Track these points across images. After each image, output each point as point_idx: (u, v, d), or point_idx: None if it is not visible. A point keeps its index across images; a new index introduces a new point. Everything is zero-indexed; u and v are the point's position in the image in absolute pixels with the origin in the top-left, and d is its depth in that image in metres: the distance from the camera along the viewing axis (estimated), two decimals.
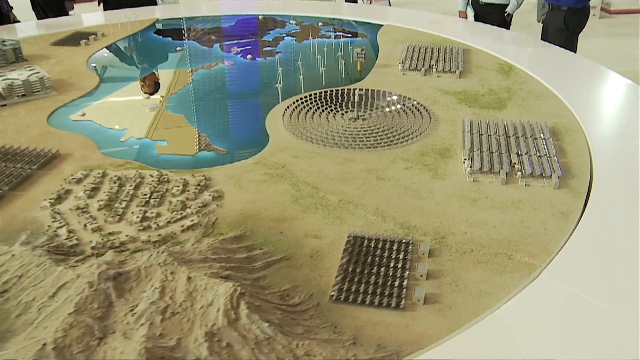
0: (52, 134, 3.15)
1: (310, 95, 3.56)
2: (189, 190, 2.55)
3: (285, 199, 2.47)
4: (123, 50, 4.98)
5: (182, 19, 5.81)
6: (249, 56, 4.56)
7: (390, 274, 1.96)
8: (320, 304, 1.85)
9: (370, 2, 9.11)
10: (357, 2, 8.63)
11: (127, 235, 2.19)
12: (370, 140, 2.95)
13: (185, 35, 5.32)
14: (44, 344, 1.55)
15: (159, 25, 5.52)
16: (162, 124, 3.37)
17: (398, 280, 1.93)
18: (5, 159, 2.79)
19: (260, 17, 5.81)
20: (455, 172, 2.66)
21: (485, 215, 2.32)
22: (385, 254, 2.06)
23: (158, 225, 2.28)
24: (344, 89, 3.61)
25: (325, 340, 1.68)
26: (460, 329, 1.74)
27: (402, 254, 2.05)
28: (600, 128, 3.17)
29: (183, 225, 2.27)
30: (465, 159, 2.72)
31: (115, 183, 2.61)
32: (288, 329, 1.70)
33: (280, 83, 3.55)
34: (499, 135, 2.95)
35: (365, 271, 1.98)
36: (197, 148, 3.07)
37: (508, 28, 6.10)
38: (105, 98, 3.77)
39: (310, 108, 3.40)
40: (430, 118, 3.24)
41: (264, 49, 4.82)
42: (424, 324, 1.77)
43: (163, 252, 1.92)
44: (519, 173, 2.60)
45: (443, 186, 2.55)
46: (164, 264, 1.87)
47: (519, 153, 2.78)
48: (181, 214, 2.37)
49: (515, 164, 2.68)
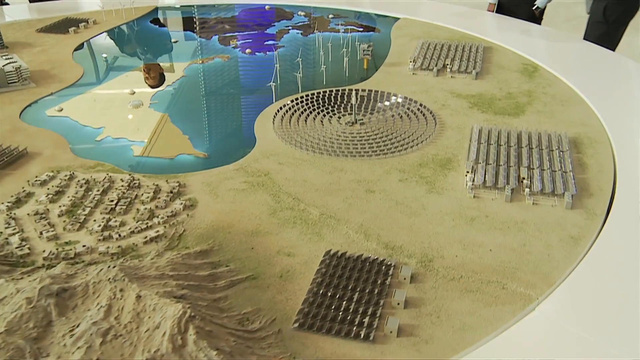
0: (23, 130, 3.19)
1: (307, 95, 3.54)
2: (159, 198, 2.55)
3: (262, 210, 2.45)
4: (113, 40, 5.03)
5: (194, 6, 5.83)
6: (247, 50, 4.56)
7: (364, 300, 1.92)
8: (281, 331, 1.82)
9: None
10: None
11: (84, 246, 2.20)
12: (365, 148, 2.91)
13: (197, 25, 5.35)
14: None
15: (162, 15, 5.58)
16: (145, 125, 3.40)
17: (372, 308, 1.88)
18: None
19: (267, 7, 5.82)
20: (455, 187, 2.60)
21: (481, 237, 2.26)
22: (363, 277, 2.02)
23: (120, 235, 2.28)
24: (345, 90, 3.58)
25: None
26: None
27: (382, 277, 2.01)
28: (630, 141, 3.06)
29: (147, 237, 2.27)
30: (467, 172, 2.66)
31: (81, 187, 2.62)
32: (240, 358, 1.67)
33: (274, 82, 3.54)
34: (510, 146, 2.88)
35: (337, 295, 1.94)
36: (177, 151, 3.07)
37: (539, 23, 5.94)
38: (87, 92, 3.81)
39: (305, 110, 3.38)
40: (435, 124, 3.19)
41: (265, 42, 4.82)
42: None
43: (114, 267, 1.91)
44: (527, 190, 2.53)
45: (439, 202, 2.49)
46: (113, 280, 1.86)
47: (530, 167, 2.70)
48: (147, 223, 2.36)
49: (524, 179, 2.61)
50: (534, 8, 5.82)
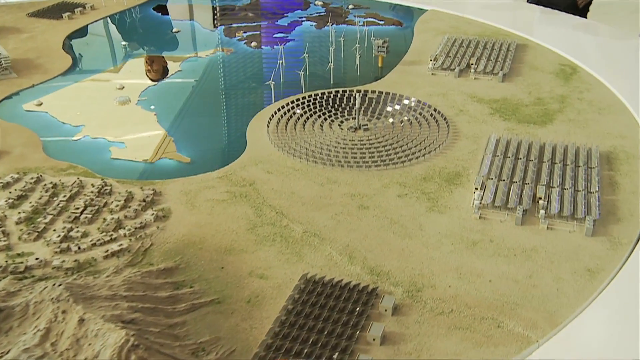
0: None
1: (310, 96, 3.49)
2: (129, 207, 2.54)
3: (240, 225, 2.42)
4: (110, 28, 5.05)
5: None
6: (253, 43, 4.54)
7: (336, 333, 1.86)
8: None
9: None
10: None
11: (38, 259, 2.19)
12: (364, 157, 2.85)
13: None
14: None
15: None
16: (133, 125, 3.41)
17: (344, 342, 1.82)
18: None
19: None
20: (460, 205, 2.52)
21: (482, 265, 2.18)
22: (339, 306, 1.96)
23: (79, 247, 2.27)
24: (353, 91, 3.52)
25: None
26: None
27: (360, 307, 1.95)
28: None
29: (108, 250, 2.25)
30: (476, 189, 2.57)
31: (47, 192, 2.63)
32: None
33: (273, 80, 3.50)
34: (530, 160, 2.78)
35: (307, 326, 1.89)
36: (158, 154, 3.06)
37: (584, 16, 5.67)
38: (72, 85, 3.84)
39: (306, 112, 3.33)
40: (448, 132, 3.10)
41: (274, 35, 4.79)
42: None
43: (59, 285, 1.89)
44: (543, 211, 2.43)
45: (439, 222, 2.41)
46: (57, 300, 1.85)
47: (550, 185, 2.60)
48: (111, 235, 2.35)
49: (540, 198, 2.51)
50: None
